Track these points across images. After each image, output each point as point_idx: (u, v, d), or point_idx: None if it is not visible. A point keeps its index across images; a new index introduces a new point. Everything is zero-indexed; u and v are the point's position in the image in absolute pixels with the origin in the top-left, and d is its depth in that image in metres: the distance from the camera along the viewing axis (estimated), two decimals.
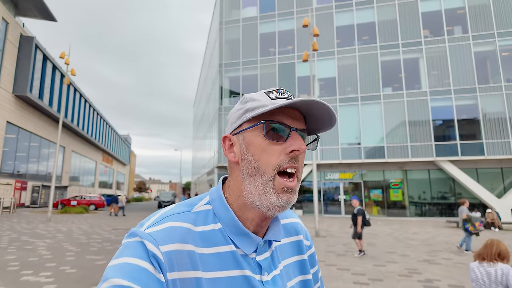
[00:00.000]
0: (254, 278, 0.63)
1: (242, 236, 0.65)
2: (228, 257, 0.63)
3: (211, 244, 0.63)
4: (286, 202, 0.62)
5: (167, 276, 0.56)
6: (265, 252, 0.68)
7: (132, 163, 77.63)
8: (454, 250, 9.39)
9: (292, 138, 0.63)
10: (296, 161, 0.63)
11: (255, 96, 0.68)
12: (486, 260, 2.76)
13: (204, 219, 0.65)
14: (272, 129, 0.64)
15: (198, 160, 46.98)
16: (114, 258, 0.56)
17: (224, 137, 0.71)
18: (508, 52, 20.31)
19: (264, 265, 0.66)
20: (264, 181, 0.62)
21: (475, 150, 19.71)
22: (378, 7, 22.90)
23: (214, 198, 0.69)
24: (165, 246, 0.58)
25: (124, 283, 0.51)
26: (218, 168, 24.53)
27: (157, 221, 0.62)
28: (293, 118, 0.65)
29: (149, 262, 0.55)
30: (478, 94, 20.19)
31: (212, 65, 30.53)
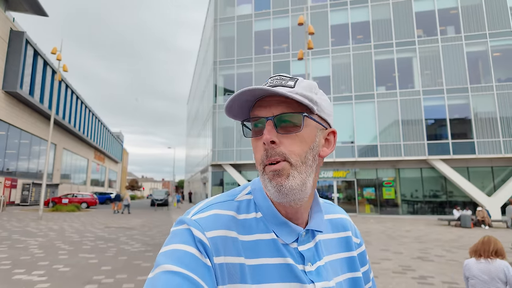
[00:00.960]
0: (297, 266, 0.63)
1: (281, 226, 0.65)
2: (269, 245, 0.63)
3: (253, 231, 0.64)
4: (277, 187, 0.61)
5: (214, 260, 0.58)
6: (307, 242, 0.67)
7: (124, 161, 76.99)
8: (446, 248, 9.51)
9: (266, 130, 0.62)
10: (271, 153, 0.61)
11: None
12: (483, 256, 2.78)
13: (246, 208, 0.67)
14: (254, 124, 0.65)
15: (192, 158, 46.80)
16: (165, 245, 0.60)
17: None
18: (499, 53, 20.60)
19: (307, 255, 0.66)
20: (260, 175, 0.65)
21: (466, 149, 19.99)
22: (372, 6, 23.01)
23: (254, 188, 0.70)
24: (211, 232, 0.60)
25: (174, 269, 0.54)
26: (212, 166, 24.47)
27: (202, 209, 0.65)
28: (269, 106, 0.63)
29: (196, 247, 0.58)
30: (470, 94, 20.46)
31: (207, 63, 30.37)
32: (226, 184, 24.11)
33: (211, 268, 0.57)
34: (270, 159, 0.62)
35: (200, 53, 39.75)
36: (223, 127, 24.26)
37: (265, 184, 0.63)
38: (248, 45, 24.70)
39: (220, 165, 23.95)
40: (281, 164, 0.61)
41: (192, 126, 46.92)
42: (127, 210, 22.10)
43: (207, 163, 26.41)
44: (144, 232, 12.23)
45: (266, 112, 0.63)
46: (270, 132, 0.61)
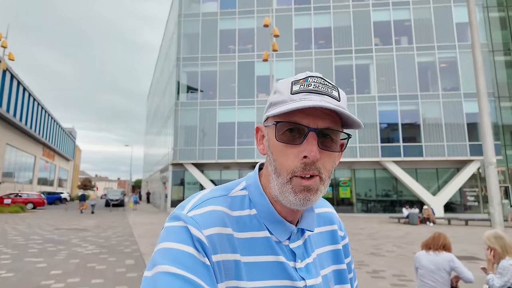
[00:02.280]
0: (288, 264, 0.64)
1: (277, 224, 0.65)
2: (263, 243, 0.64)
3: (246, 229, 0.64)
4: (303, 201, 0.60)
5: (212, 258, 0.58)
6: (298, 240, 0.68)
7: (76, 159, 72.39)
8: (396, 244, 10.17)
9: (307, 141, 0.59)
10: (310, 167, 0.59)
11: (281, 87, 0.65)
12: (432, 249, 3.09)
13: (240, 204, 0.66)
14: (289, 129, 0.61)
15: (150, 157, 45.24)
16: (160, 242, 0.58)
17: (257, 127, 0.71)
18: (445, 64, 22.46)
19: (298, 252, 0.67)
20: (281, 182, 0.62)
21: (415, 152, 21.53)
22: (334, 13, 23.92)
23: (250, 184, 0.69)
24: (208, 230, 0.59)
25: (174, 270, 0.53)
26: (173, 165, 23.86)
27: (197, 204, 0.63)
28: (315, 115, 0.60)
29: (194, 247, 0.57)
30: (420, 101, 22.07)
31: (169, 59, 29.57)
32: (188, 184, 23.66)
33: (210, 267, 0.56)
34: (306, 172, 0.59)
35: (162, 48, 38.58)
36: (185, 125, 23.78)
37: (286, 194, 0.61)
38: (213, 43, 24.45)
39: (181, 164, 23.43)
40: (314, 180, 0.60)
41: (152, 123, 45.37)
42: (91, 209, 22.61)
43: (167, 162, 25.70)
44: (98, 233, 11.61)
45: (309, 121, 0.60)
46: (315, 146, 0.59)
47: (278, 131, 0.61)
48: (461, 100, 21.62)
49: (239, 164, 22.88)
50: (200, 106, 23.64)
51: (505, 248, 2.71)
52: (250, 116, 22.99)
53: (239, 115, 23.12)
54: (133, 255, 7.91)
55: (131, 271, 6.33)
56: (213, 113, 23.39)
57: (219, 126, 23.17)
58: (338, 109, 0.58)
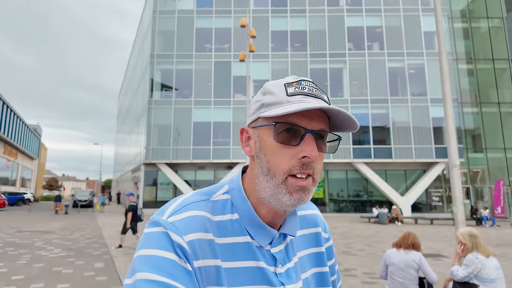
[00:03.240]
0: (269, 269, 0.64)
1: (258, 228, 0.65)
2: (243, 248, 0.63)
3: (228, 234, 0.63)
4: (297, 201, 0.61)
5: (194, 264, 0.57)
6: (279, 244, 0.67)
7: (42, 157, 68.74)
8: (367, 242, 10.51)
9: (305, 142, 0.60)
10: (308, 167, 0.60)
11: (273, 89, 0.64)
12: (403, 248, 3.22)
13: (222, 208, 0.65)
14: (285, 129, 0.61)
15: (121, 156, 43.84)
16: (140, 249, 0.57)
17: (242, 129, 0.69)
18: (414, 70, 23.51)
19: (279, 257, 0.66)
20: (275, 183, 0.61)
21: (385, 154, 22.36)
22: (310, 17, 24.35)
23: (233, 187, 0.68)
24: (189, 236, 0.58)
25: (155, 278, 0.52)
26: (145, 165, 23.26)
27: (178, 209, 0.62)
28: (311, 117, 0.61)
29: (175, 253, 0.56)
30: (390, 105, 22.95)
31: (143, 55, 28.81)
32: (160, 184, 23.15)
33: (192, 273, 0.56)
34: (303, 171, 0.60)
35: (135, 44, 37.51)
36: (159, 124, 23.26)
37: (279, 195, 0.61)
38: (188, 41, 24.11)
39: (154, 164, 22.89)
40: (308, 180, 0.61)
41: (124, 121, 43.99)
42: (65, 210, 22.39)
43: (139, 162, 25.01)
44: (65, 236, 11.09)
45: (306, 123, 0.61)
46: (314, 146, 0.60)
47: (276, 132, 0.61)
48: (427, 105, 22.72)
49: (214, 164, 22.70)
50: (175, 105, 23.23)
51: (475, 245, 2.91)
52: (226, 116, 22.88)
53: (215, 115, 22.95)
54: (103, 258, 7.63)
55: (101, 274, 6.10)
56: (188, 112, 23.06)
57: (194, 125, 22.87)
58: (343, 110, 0.60)
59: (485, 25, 26.49)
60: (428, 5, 24.00)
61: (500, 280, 2.82)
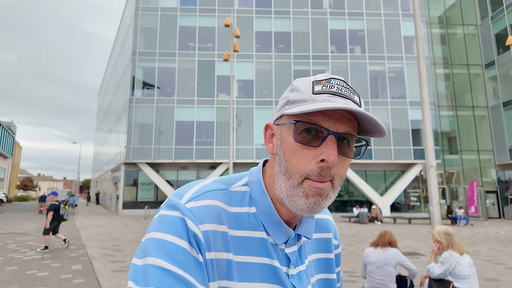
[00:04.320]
0: (281, 269, 0.62)
1: (276, 225, 0.63)
2: (258, 244, 0.61)
3: (243, 227, 0.61)
4: (313, 205, 0.58)
5: (206, 256, 0.56)
6: (294, 245, 0.66)
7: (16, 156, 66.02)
8: (347, 241, 10.70)
9: (326, 144, 0.56)
10: (327, 173, 0.57)
11: (300, 86, 0.61)
12: (380, 246, 3.31)
13: (240, 200, 0.63)
14: (306, 129, 0.58)
15: (101, 156, 42.74)
16: (154, 230, 0.55)
17: (267, 125, 0.67)
18: (394, 74, 24.14)
19: (292, 258, 0.65)
20: (291, 184, 0.59)
21: (365, 155, 22.82)
22: (294, 19, 24.56)
23: (252, 180, 0.66)
24: (204, 226, 0.57)
25: (166, 266, 0.52)
26: (126, 164, 22.78)
27: (196, 196, 0.60)
28: (336, 118, 0.58)
29: (189, 242, 0.54)
30: (370, 107, 23.46)
31: (124, 52, 28.20)
32: (141, 185, 22.72)
33: (203, 264, 0.54)
34: (321, 178, 0.57)
35: (117, 41, 36.68)
36: (140, 122, 22.83)
37: (295, 198, 0.58)
38: (171, 39, 23.79)
39: (135, 164, 22.44)
40: (327, 183, 0.58)
41: (104, 120, 42.91)
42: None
43: (119, 161, 24.46)
44: (41, 237, 10.70)
45: (330, 124, 0.57)
46: (335, 150, 0.56)
47: (296, 131, 0.58)
48: (406, 107, 23.39)
49: (197, 164, 22.51)
50: (157, 104, 22.86)
51: (450, 243, 3.03)
52: (209, 116, 22.73)
53: (198, 114, 22.75)
54: (81, 259, 7.41)
55: (78, 277, 5.92)
56: (171, 111, 22.75)
57: (176, 124, 22.59)
58: (368, 114, 0.56)
59: (461, 31, 27.55)
60: (408, 11, 24.71)
61: (473, 276, 2.94)
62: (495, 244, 10.80)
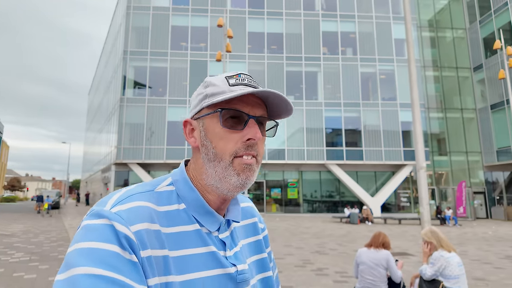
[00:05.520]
0: (219, 253, 0.66)
1: (207, 215, 0.67)
2: (193, 236, 0.64)
3: (175, 223, 0.64)
4: (245, 181, 0.65)
5: (141, 254, 0.56)
6: (225, 231, 0.71)
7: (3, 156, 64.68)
8: (338, 242, 10.77)
9: (248, 126, 0.66)
10: (252, 148, 0.66)
11: (215, 81, 0.69)
12: (373, 247, 3.34)
13: (167, 199, 0.66)
14: (230, 116, 0.66)
15: (91, 156, 42.19)
16: (77, 242, 0.53)
17: (185, 121, 0.72)
18: (384, 76, 24.42)
19: (227, 242, 0.69)
20: (223, 166, 0.65)
21: (356, 156, 23.04)
22: (286, 20, 24.65)
23: (177, 179, 0.69)
24: (135, 226, 0.57)
25: (95, 271, 0.49)
26: (116, 165, 22.52)
27: (121, 200, 0.60)
28: (252, 105, 0.67)
29: (119, 245, 0.54)
30: (361, 109, 23.69)
31: (115, 51, 27.90)
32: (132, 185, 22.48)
33: (137, 264, 0.54)
34: (249, 152, 0.65)
35: (108, 40, 36.27)
36: (131, 122, 22.61)
37: (228, 177, 0.65)
38: (163, 38, 23.63)
39: (125, 164, 22.21)
40: (253, 159, 0.66)
41: (94, 119, 42.37)
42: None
43: (110, 162, 24.18)
44: (28, 239, 10.50)
45: (249, 110, 0.67)
46: (258, 129, 0.66)
47: (222, 118, 0.66)
48: (397, 109, 23.67)
49: None
50: (148, 103, 22.68)
51: (439, 241, 3.08)
52: None
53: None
54: None
55: None
56: (162, 111, 22.59)
57: (168, 124, 22.44)
58: (281, 94, 0.67)
59: (450, 35, 28.03)
60: (398, 14, 25.03)
61: (462, 276, 2.99)
62: (482, 244, 11.00)
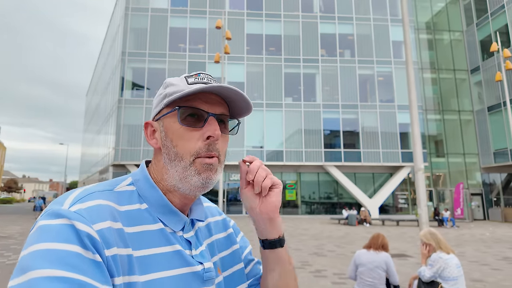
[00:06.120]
0: (185, 252, 0.65)
1: (170, 215, 0.66)
2: (157, 235, 0.62)
3: (138, 223, 0.61)
4: (206, 180, 0.64)
5: (105, 253, 0.53)
6: (190, 231, 0.70)
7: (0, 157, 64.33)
8: (336, 243, 10.77)
9: (208, 123, 0.64)
10: (214, 148, 0.65)
11: (173, 81, 0.69)
12: (373, 248, 3.34)
13: (128, 199, 0.64)
14: (190, 114, 0.65)
15: (89, 157, 42.06)
16: (32, 244, 0.49)
17: (146, 123, 0.71)
18: (382, 78, 24.51)
19: (192, 241, 0.68)
20: (183, 165, 0.64)
21: (354, 157, 23.08)
22: (285, 22, 24.71)
23: (138, 179, 0.67)
24: (98, 224, 0.54)
25: (55, 273, 0.45)
26: (114, 166, 22.44)
27: (80, 198, 0.57)
28: (212, 103, 0.66)
29: (81, 244, 0.50)
30: (359, 110, 23.75)
31: (114, 53, 27.87)
32: None
33: (102, 263, 0.51)
34: (210, 153, 0.64)
35: (106, 41, 36.24)
36: (129, 123, 22.56)
37: (189, 177, 0.63)
38: (162, 40, 23.63)
39: (123, 165, 22.14)
40: (215, 159, 0.65)
41: (91, 121, 42.27)
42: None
43: (107, 163, 24.11)
44: (24, 241, 10.42)
45: (208, 107, 0.66)
46: (217, 126, 0.65)
47: (181, 116, 0.64)
48: (395, 111, 23.75)
49: None
50: (146, 104, 22.65)
51: (438, 242, 3.08)
52: None
53: None
54: None
55: None
56: None
57: None
58: (238, 90, 0.65)
59: (447, 37, 28.19)
60: (396, 16, 25.15)
61: (461, 278, 3.00)
62: (480, 245, 11.03)
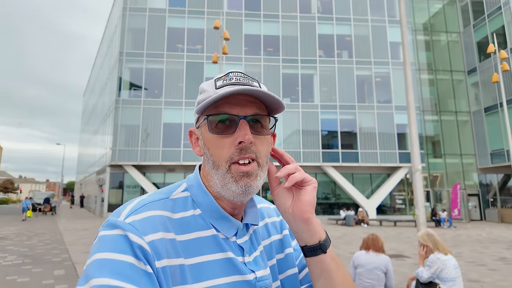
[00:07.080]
0: (237, 259, 0.64)
1: (223, 220, 0.66)
2: (210, 241, 0.63)
3: (192, 229, 0.62)
4: (245, 188, 0.62)
5: (156, 265, 0.55)
6: (244, 235, 0.69)
7: None
8: (334, 244, 10.77)
9: (239, 128, 0.63)
10: (247, 151, 0.63)
11: (205, 87, 0.68)
12: (372, 250, 3.34)
13: (183, 205, 0.65)
14: (220, 121, 0.64)
15: (86, 157, 41.87)
16: (94, 253, 0.54)
17: (190, 131, 0.72)
18: (380, 78, 24.58)
19: (245, 247, 0.67)
20: (221, 173, 0.63)
21: (352, 158, 23.12)
22: (283, 23, 24.73)
23: (192, 184, 0.68)
24: (149, 236, 0.56)
25: (110, 282, 0.50)
26: (111, 167, 22.35)
27: (135, 209, 0.60)
28: (243, 105, 0.64)
29: (134, 255, 0.54)
30: (357, 111, 23.81)
31: (111, 53, 27.78)
32: (127, 187, 22.34)
33: (152, 274, 0.54)
34: (243, 156, 0.62)
35: (103, 41, 36.12)
36: (127, 124, 22.48)
37: (228, 185, 0.62)
38: (160, 40, 23.58)
39: (120, 166, 22.06)
40: (252, 165, 0.63)
41: (89, 121, 42.10)
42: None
43: (105, 163, 24.01)
44: (21, 241, 10.37)
45: (239, 110, 0.63)
46: (248, 130, 0.62)
47: (211, 125, 0.64)
48: (392, 112, 23.82)
49: (184, 166, 22.28)
50: (144, 105, 22.59)
51: (435, 244, 3.09)
52: None
53: (186, 116, 22.57)
54: (64, 264, 7.21)
55: (61, 282, 5.75)
56: (158, 112, 22.51)
57: (164, 126, 22.36)
58: (262, 90, 0.63)
59: (445, 38, 28.32)
60: (394, 17, 25.23)
61: (458, 278, 3.00)
62: (477, 246, 11.08)
